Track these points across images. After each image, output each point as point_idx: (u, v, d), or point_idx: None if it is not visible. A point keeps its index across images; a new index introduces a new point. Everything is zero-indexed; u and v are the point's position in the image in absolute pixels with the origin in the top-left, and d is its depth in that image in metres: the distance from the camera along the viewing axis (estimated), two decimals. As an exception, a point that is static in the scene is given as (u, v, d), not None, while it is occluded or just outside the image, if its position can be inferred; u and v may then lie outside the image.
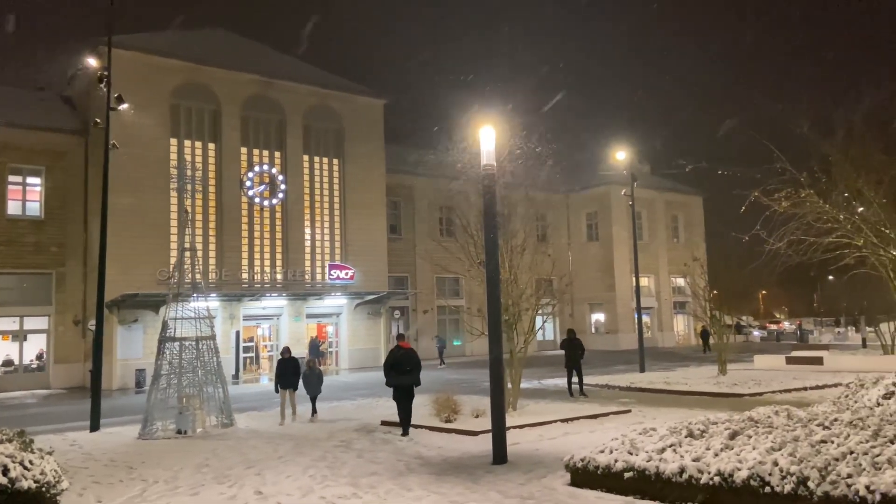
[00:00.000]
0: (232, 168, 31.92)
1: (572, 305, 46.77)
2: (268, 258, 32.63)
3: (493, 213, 10.56)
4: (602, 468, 7.90)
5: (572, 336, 19.01)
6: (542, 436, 11.88)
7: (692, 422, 8.43)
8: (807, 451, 6.70)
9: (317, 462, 10.33)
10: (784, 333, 56.31)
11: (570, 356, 18.53)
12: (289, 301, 32.35)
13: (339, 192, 35.08)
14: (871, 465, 6.22)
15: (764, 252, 10.06)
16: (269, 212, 32.94)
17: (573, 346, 18.59)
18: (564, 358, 18.66)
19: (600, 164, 45.50)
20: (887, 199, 9.05)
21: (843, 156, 9.13)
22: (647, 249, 46.10)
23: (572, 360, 18.48)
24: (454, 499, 7.83)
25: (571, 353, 18.54)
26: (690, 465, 7.18)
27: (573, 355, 18.50)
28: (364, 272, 34.33)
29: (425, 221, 39.94)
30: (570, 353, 18.55)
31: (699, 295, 24.78)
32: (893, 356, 25.06)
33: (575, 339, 18.80)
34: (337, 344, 34.98)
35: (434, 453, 10.66)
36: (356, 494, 8.24)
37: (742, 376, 21.60)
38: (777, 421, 8.11)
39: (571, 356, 18.50)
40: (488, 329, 10.28)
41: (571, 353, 18.53)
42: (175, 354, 14.35)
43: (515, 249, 15.33)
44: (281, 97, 33.57)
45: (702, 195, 52.36)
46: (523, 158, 15.16)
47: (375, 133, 36.32)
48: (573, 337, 18.95)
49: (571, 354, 18.52)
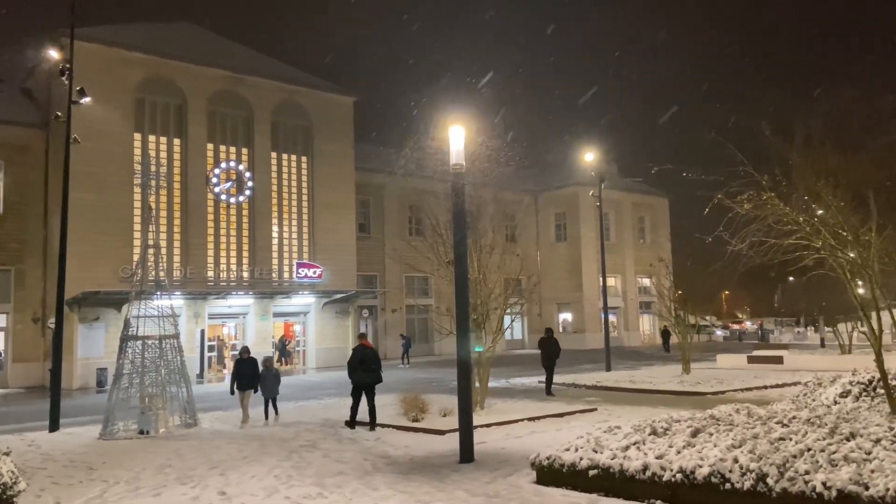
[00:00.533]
0: (198, 164, 31.44)
1: (540, 305, 47.14)
2: (234, 256, 32.23)
3: (462, 212, 10.58)
4: (567, 466, 7.97)
5: (549, 335, 19.04)
6: (509, 434, 11.95)
7: (656, 420, 8.56)
8: (766, 448, 6.85)
9: (282, 462, 10.24)
10: (746, 333, 57.52)
11: (546, 354, 18.57)
12: (255, 299, 31.98)
13: (307, 190, 34.79)
14: (828, 462, 6.39)
15: (727, 253, 10.23)
16: (236, 209, 32.53)
17: (550, 345, 18.62)
18: (541, 356, 18.70)
19: (569, 165, 45.92)
20: (845, 203, 9.29)
21: (804, 160, 9.35)
22: (614, 250, 46.68)
23: (548, 358, 18.49)
24: (421, 498, 7.83)
25: (548, 351, 18.54)
26: (654, 463, 7.29)
27: (549, 353, 18.50)
28: (332, 271, 34.12)
29: (395, 220, 39.85)
30: (547, 351, 18.57)
31: (664, 295, 25.18)
32: (851, 356, 25.76)
33: (552, 338, 18.84)
34: (304, 343, 34.71)
35: (401, 452, 10.65)
36: (322, 494, 8.19)
37: (705, 375, 22.00)
38: (738, 419, 8.28)
39: (548, 354, 18.52)
40: (456, 328, 10.30)
41: (548, 352, 18.53)
42: (137, 353, 14.11)
43: (484, 249, 15.39)
44: (248, 93, 33.17)
45: (668, 197, 53.19)
46: (493, 158, 15.21)
47: (345, 130, 36.10)
48: (550, 336, 18.97)
49: (548, 353, 18.53)
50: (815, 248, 9.33)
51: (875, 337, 9.58)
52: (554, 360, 18.56)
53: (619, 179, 50.13)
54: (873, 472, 6.04)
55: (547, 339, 18.81)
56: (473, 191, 14.79)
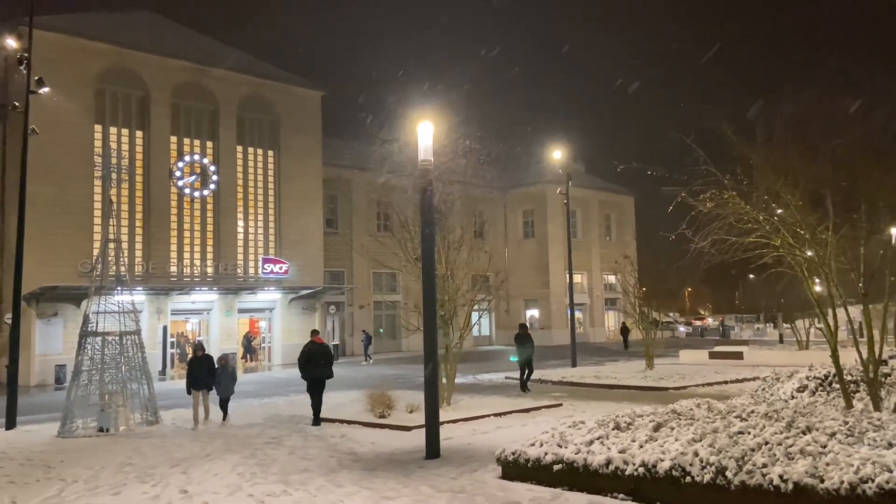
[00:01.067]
0: (161, 157, 30.86)
1: (508, 301, 47.39)
2: (198, 251, 31.73)
3: (430, 208, 10.56)
4: (532, 461, 8.03)
5: (524, 331, 19.02)
6: (476, 430, 11.99)
7: (619, 415, 8.68)
8: (725, 442, 7.00)
9: (246, 460, 10.12)
10: (708, 329, 58.66)
11: (520, 350, 18.54)
12: (220, 295, 31.54)
13: (273, 185, 34.40)
14: (785, 455, 6.55)
15: (690, 251, 10.40)
16: (200, 203, 32.02)
17: (525, 340, 18.63)
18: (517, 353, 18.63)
19: (537, 162, 46.22)
20: (803, 202, 9.51)
21: (764, 160, 9.55)
22: (580, 247, 47.14)
23: (523, 355, 18.45)
24: (386, 494, 7.81)
25: (523, 347, 18.53)
26: (617, 457, 7.39)
27: (524, 349, 18.48)
28: (299, 266, 33.82)
29: (363, 216, 39.65)
30: (522, 347, 18.54)
31: (629, 292, 25.51)
32: (808, 351, 26.42)
33: (527, 335, 18.84)
34: (270, 339, 34.36)
35: (367, 449, 10.61)
36: (286, 492, 8.12)
37: (668, 370, 22.37)
38: (698, 413, 8.44)
39: (522, 350, 18.49)
40: (423, 325, 10.30)
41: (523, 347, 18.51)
42: (97, 350, 13.82)
43: (452, 245, 15.41)
44: (213, 85, 32.64)
45: (633, 195, 53.89)
46: (461, 154, 15.24)
47: (312, 125, 35.77)
48: (525, 332, 18.97)
49: (522, 348, 18.51)
50: (774, 246, 9.54)
51: (831, 333, 9.83)
52: (529, 357, 18.58)
53: (587, 177, 50.67)
54: (828, 465, 6.20)
55: (522, 336, 18.82)
56: (442, 187, 14.81)
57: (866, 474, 5.88)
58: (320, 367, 13.57)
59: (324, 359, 13.69)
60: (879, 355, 9.37)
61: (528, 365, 18.55)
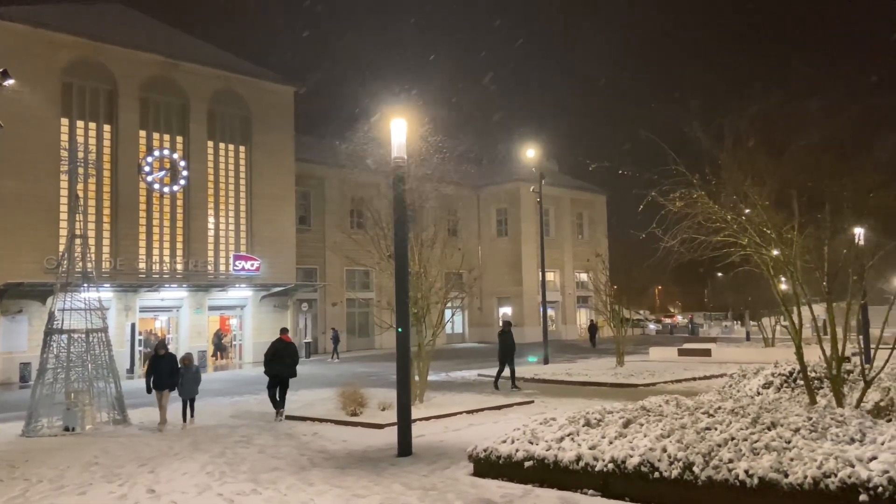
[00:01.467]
0: (129, 152, 30.32)
1: (481, 299, 47.53)
2: (167, 247, 31.26)
3: (403, 205, 10.54)
4: (504, 458, 8.07)
5: (508, 328, 18.92)
6: (448, 427, 12.01)
7: (590, 411, 8.76)
8: (693, 437, 7.10)
9: (215, 458, 10.01)
10: (677, 327, 59.49)
11: (503, 348, 18.49)
12: (190, 292, 31.12)
13: (245, 181, 34.02)
14: (750, 450, 6.66)
15: (659, 249, 10.52)
16: (170, 199, 31.54)
17: (507, 338, 18.47)
18: (499, 350, 18.56)
19: (511, 161, 46.41)
20: (769, 202, 9.68)
21: (732, 160, 9.71)
22: (553, 245, 47.45)
23: (506, 351, 18.37)
24: (357, 492, 7.79)
25: (506, 345, 18.41)
26: (587, 453, 7.46)
27: (506, 347, 18.38)
28: (271, 263, 33.51)
29: (336, 213, 39.40)
30: (505, 344, 18.44)
31: (600, 290, 25.75)
32: (774, 348, 26.95)
33: (510, 332, 18.70)
34: (241, 337, 34.01)
35: (339, 447, 10.57)
36: (256, 490, 8.05)
37: (638, 367, 22.63)
38: (667, 410, 8.55)
39: (505, 348, 18.42)
40: (396, 322, 10.28)
41: (505, 345, 18.41)
42: (63, 347, 13.56)
43: (426, 243, 15.40)
44: (184, 79, 32.15)
45: (605, 194, 54.39)
46: (434, 152, 15.21)
47: (285, 121, 35.44)
48: (509, 329, 18.87)
49: (505, 346, 18.41)
50: (741, 245, 9.70)
51: (796, 331, 10.03)
52: (511, 354, 18.52)
53: (560, 176, 51.02)
54: (792, 460, 6.32)
55: (505, 333, 18.79)
56: (415, 184, 14.77)
57: (829, 469, 6.01)
58: (285, 365, 13.69)
59: (289, 358, 13.83)
60: (842, 352, 9.58)
61: (511, 362, 18.47)
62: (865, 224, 11.09)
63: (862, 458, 6.00)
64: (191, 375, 13.66)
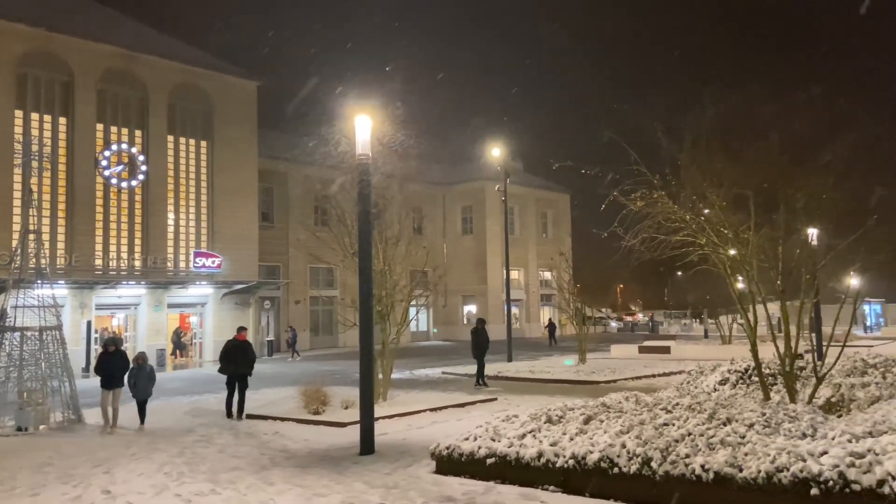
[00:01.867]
0: (86, 145, 29.54)
1: (446, 297, 47.60)
2: (125, 243, 30.54)
3: (367, 203, 10.49)
4: (466, 455, 8.10)
5: (481, 325, 18.90)
6: (411, 425, 12.01)
7: (551, 408, 8.84)
8: (651, 433, 7.23)
9: (174, 458, 9.84)
10: (638, 325, 60.49)
11: (477, 345, 18.45)
12: (148, 290, 30.48)
13: (206, 176, 33.41)
14: (707, 445, 6.81)
15: (620, 248, 10.69)
16: (128, 194, 30.83)
17: (481, 335, 18.48)
18: (472, 347, 18.53)
19: (476, 159, 46.57)
20: (727, 203, 9.90)
21: (691, 161, 9.90)
22: (517, 244, 47.75)
23: (479, 348, 18.36)
24: (318, 491, 7.73)
25: (479, 342, 18.41)
26: (548, 450, 7.53)
27: (480, 344, 18.36)
28: (232, 260, 32.98)
29: (299, 209, 39.02)
30: (478, 342, 18.44)
31: (564, 288, 26.03)
32: (730, 346, 27.62)
33: (483, 329, 18.73)
34: (201, 335, 33.45)
35: (300, 446, 10.48)
36: (214, 491, 7.93)
37: (600, 365, 22.94)
38: (627, 406, 8.68)
39: (478, 345, 18.40)
40: (359, 320, 10.23)
41: (479, 342, 18.41)
42: (15, 346, 13.20)
43: (390, 240, 15.35)
44: (143, 72, 31.44)
45: (569, 193, 54.93)
46: (399, 149, 15.17)
47: (248, 116, 34.89)
48: (482, 326, 18.84)
49: (479, 343, 18.40)
50: (699, 245, 9.90)
51: (751, 329, 10.28)
52: (484, 351, 18.51)
53: (524, 175, 51.36)
54: (747, 454, 6.48)
55: (478, 330, 18.76)
56: (380, 181, 14.71)
57: (782, 463, 6.17)
58: (237, 364, 13.64)
59: (242, 356, 13.76)
60: (795, 349, 9.84)
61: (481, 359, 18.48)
62: (818, 225, 11.42)
63: (813, 453, 6.18)
64: (145, 375, 12.95)
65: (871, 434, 6.57)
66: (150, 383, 13.04)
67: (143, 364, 13.09)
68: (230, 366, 13.72)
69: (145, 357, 13.46)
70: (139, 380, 12.84)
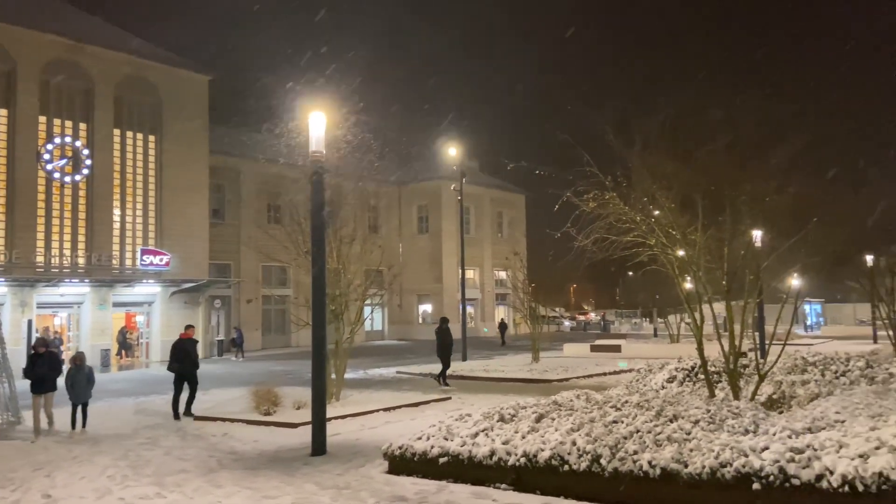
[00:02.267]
0: (27, 138, 28.44)
1: (401, 296, 47.44)
2: (68, 240, 29.53)
3: (320, 201, 10.38)
4: (419, 455, 8.09)
5: (445, 324, 18.84)
6: (364, 425, 11.93)
7: (504, 407, 8.90)
8: (601, 431, 7.34)
9: (118, 461, 9.56)
10: (590, 324, 61.41)
11: (441, 344, 18.40)
12: (92, 288, 29.55)
13: (154, 172, 32.53)
14: (654, 442, 6.95)
15: (573, 248, 10.84)
16: (72, 189, 29.82)
17: (445, 334, 18.45)
18: (437, 346, 18.50)
19: (432, 158, 46.57)
20: (675, 205, 10.13)
21: (642, 163, 10.10)
22: (473, 243, 47.94)
23: (444, 347, 18.34)
24: (268, 493, 7.61)
25: (443, 341, 18.38)
26: (500, 448, 7.58)
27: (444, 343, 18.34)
28: (182, 258, 32.20)
29: (252, 207, 38.36)
30: (442, 341, 18.41)
31: (518, 287, 26.23)
32: (678, 344, 28.24)
33: (448, 328, 18.69)
34: (148, 335, 32.59)
35: (250, 447, 10.30)
36: (160, 494, 7.73)
37: (553, 363, 23.20)
38: (578, 404, 8.80)
39: (443, 344, 18.37)
40: (312, 319, 10.12)
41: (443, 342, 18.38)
42: (-51, 346, 12.58)
43: (345, 239, 15.21)
44: (89, 63, 30.43)
45: (525, 193, 55.42)
46: (354, 146, 15.03)
47: (198, 110, 34.10)
48: (446, 325, 18.81)
49: (443, 342, 18.37)
50: (649, 245, 10.12)
51: (697, 327, 10.54)
52: (449, 350, 18.49)
53: (481, 175, 51.60)
54: (692, 450, 6.64)
55: (444, 330, 18.68)
56: (334, 179, 14.56)
57: (725, 459, 6.34)
58: (178, 362, 13.66)
59: (182, 354, 13.74)
60: (739, 348, 10.13)
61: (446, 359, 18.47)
62: (762, 227, 11.79)
63: (755, 449, 6.36)
64: (82, 377, 12.03)
65: (810, 430, 6.80)
66: (88, 386, 12.18)
67: (81, 365, 12.19)
68: (174, 364, 13.77)
69: (83, 358, 12.54)
70: (76, 382, 11.99)
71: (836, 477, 5.77)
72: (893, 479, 5.56)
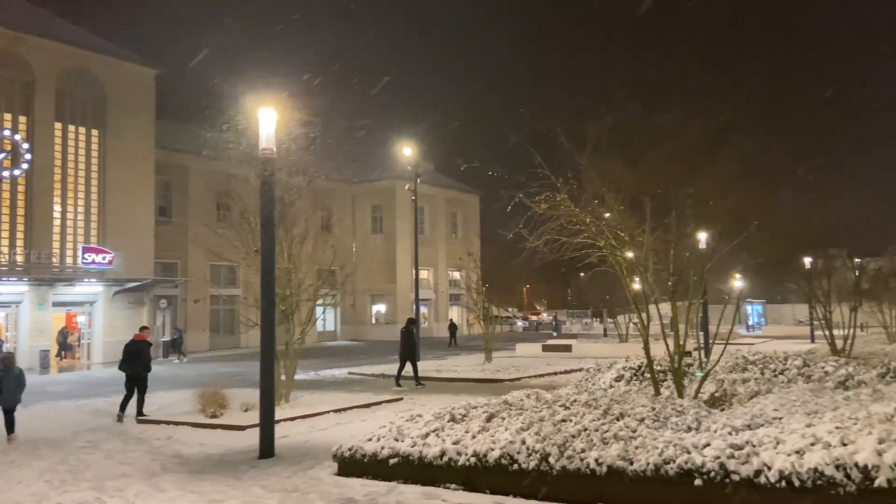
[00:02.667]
0: (-38, 130, 27.23)
1: (354, 296, 47.12)
2: (6, 237, 28.38)
3: (271, 199, 10.21)
4: (369, 456, 8.03)
5: (410, 325, 18.79)
6: (314, 427, 11.79)
7: (455, 407, 8.91)
8: (549, 429, 7.42)
9: (56, 465, 9.22)
10: (542, 324, 62.07)
11: (406, 345, 18.34)
12: (31, 287, 28.46)
13: (98, 167, 31.53)
14: (601, 440, 7.06)
15: (526, 249, 10.92)
16: (10, 184, 28.67)
17: (410, 336, 18.42)
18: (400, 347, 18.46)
19: (387, 158, 46.36)
20: (624, 207, 10.32)
21: (592, 166, 10.25)
22: (427, 243, 47.95)
23: (408, 349, 18.30)
24: (213, 497, 7.44)
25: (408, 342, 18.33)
26: (450, 448, 7.58)
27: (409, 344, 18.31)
28: (126, 257, 31.24)
29: (200, 205, 37.53)
30: (407, 342, 18.35)
31: (472, 288, 26.34)
32: (627, 344, 28.81)
33: (413, 330, 18.65)
34: (90, 335, 31.54)
35: (195, 451, 10.06)
36: (100, 499, 7.48)
37: (505, 363, 23.37)
38: (528, 403, 8.87)
39: (408, 345, 18.32)
40: (260, 319, 9.95)
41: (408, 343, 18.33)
42: None
43: (296, 239, 15.01)
44: (29, 54, 29.30)
45: (479, 194, 55.70)
46: (307, 144, 14.83)
47: (144, 105, 33.18)
48: (411, 327, 18.75)
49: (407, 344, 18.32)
50: (599, 247, 10.27)
51: (644, 327, 10.75)
52: (414, 351, 18.43)
53: (435, 175, 51.61)
54: (637, 448, 6.77)
55: (409, 331, 18.58)
56: (286, 177, 14.34)
57: (669, 456, 6.48)
58: (127, 363, 13.57)
59: (134, 356, 13.62)
60: (684, 347, 10.38)
61: (413, 360, 18.43)
62: (706, 229, 12.11)
63: (697, 445, 6.53)
64: (12, 380, 11.29)
65: (749, 427, 7.01)
66: (18, 389, 11.42)
67: (11, 367, 11.46)
68: (124, 365, 13.63)
69: (13, 359, 11.81)
70: (5, 385, 11.22)
71: (773, 472, 5.96)
72: (828, 475, 5.77)
